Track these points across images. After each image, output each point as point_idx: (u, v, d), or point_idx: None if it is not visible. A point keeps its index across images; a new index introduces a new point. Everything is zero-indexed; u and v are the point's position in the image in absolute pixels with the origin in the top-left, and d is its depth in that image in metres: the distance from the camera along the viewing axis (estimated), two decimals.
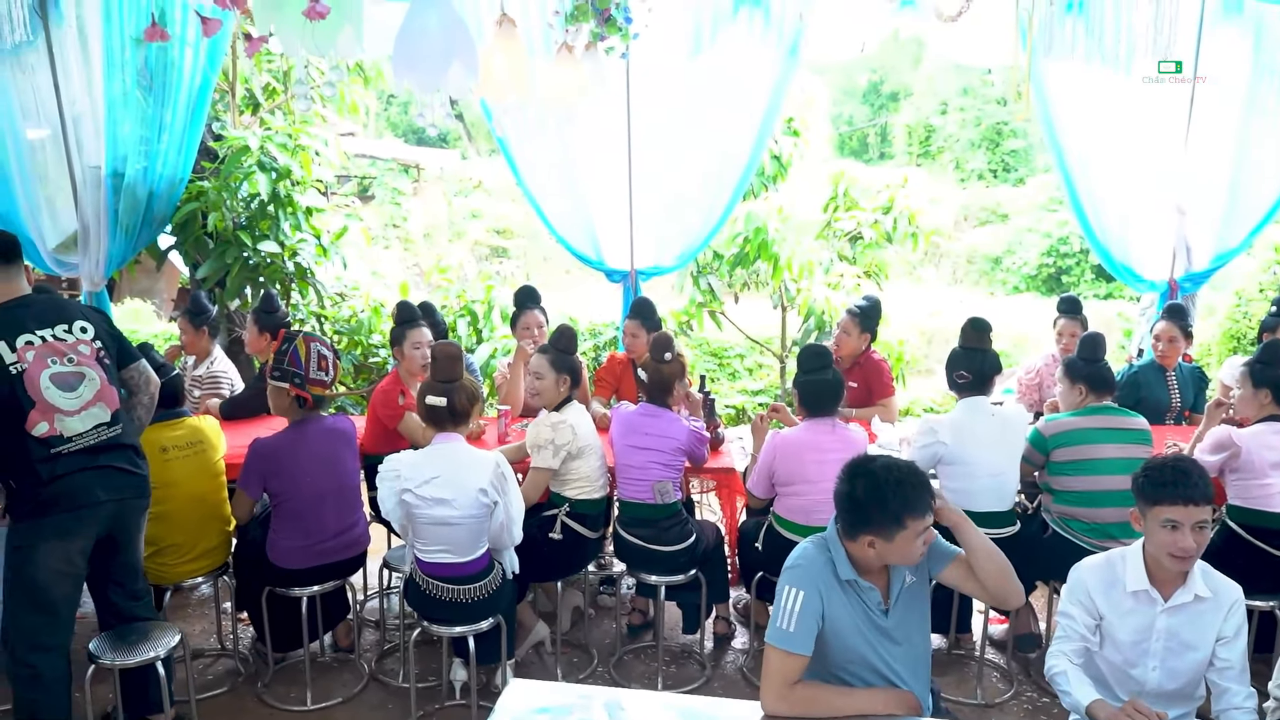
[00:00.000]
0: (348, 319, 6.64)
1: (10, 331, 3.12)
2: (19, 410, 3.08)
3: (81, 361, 3.23)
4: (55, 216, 5.99)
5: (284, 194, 5.99)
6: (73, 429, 3.16)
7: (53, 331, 3.21)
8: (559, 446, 3.92)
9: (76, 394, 3.19)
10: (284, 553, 3.83)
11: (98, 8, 5.54)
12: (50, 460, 3.13)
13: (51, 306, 3.27)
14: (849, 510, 2.50)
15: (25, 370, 3.09)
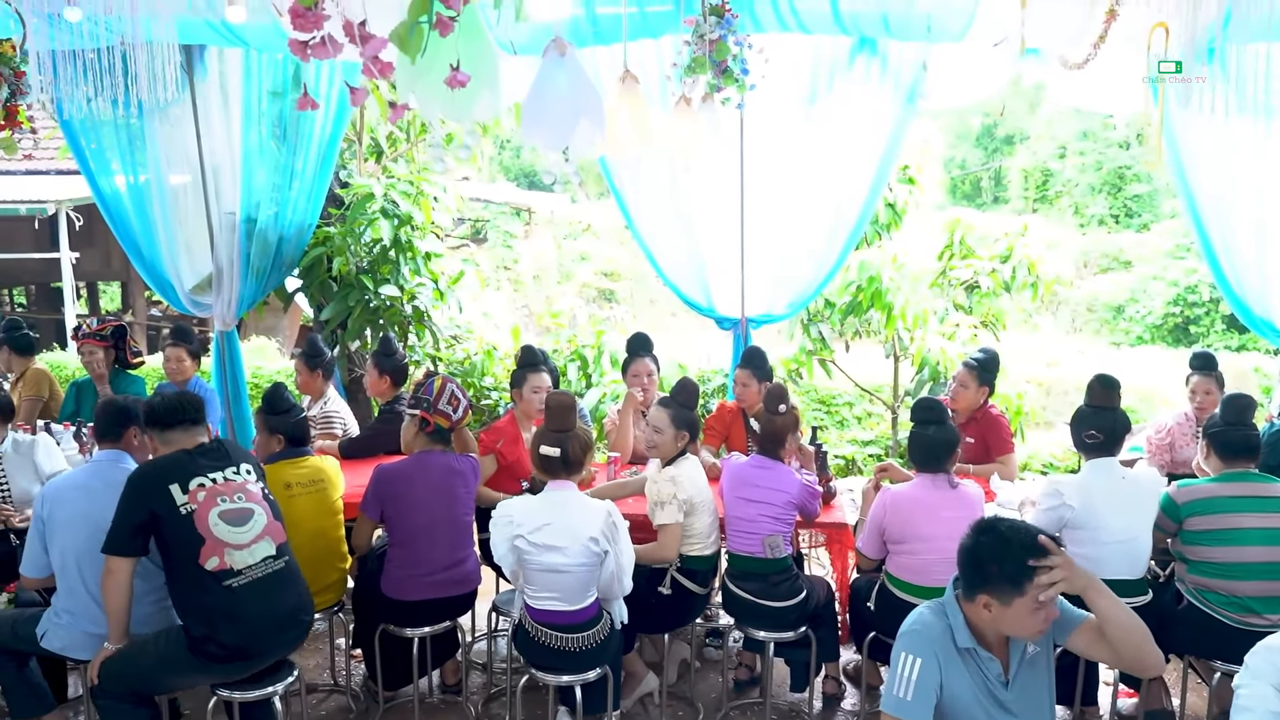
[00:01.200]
0: (461, 361, 6.79)
1: (185, 475, 3.32)
2: (193, 547, 3.26)
3: (249, 499, 3.42)
4: (192, 259, 6.31)
5: (405, 239, 6.18)
6: (242, 562, 3.32)
7: (223, 474, 3.41)
8: (681, 501, 3.89)
9: (245, 529, 3.35)
10: (396, 583, 3.91)
11: (238, 65, 5.87)
12: (226, 595, 3.28)
13: (221, 453, 3.49)
14: (970, 566, 2.41)
15: (195, 510, 3.28)
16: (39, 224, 12.54)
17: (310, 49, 1.48)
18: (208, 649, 3.30)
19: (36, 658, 3.77)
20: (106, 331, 5.55)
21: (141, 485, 3.31)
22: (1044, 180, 22.17)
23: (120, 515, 3.29)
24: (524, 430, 4.59)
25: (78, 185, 11.69)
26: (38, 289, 17.63)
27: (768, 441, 4.09)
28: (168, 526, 3.26)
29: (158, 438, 3.46)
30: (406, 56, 1.52)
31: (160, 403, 3.46)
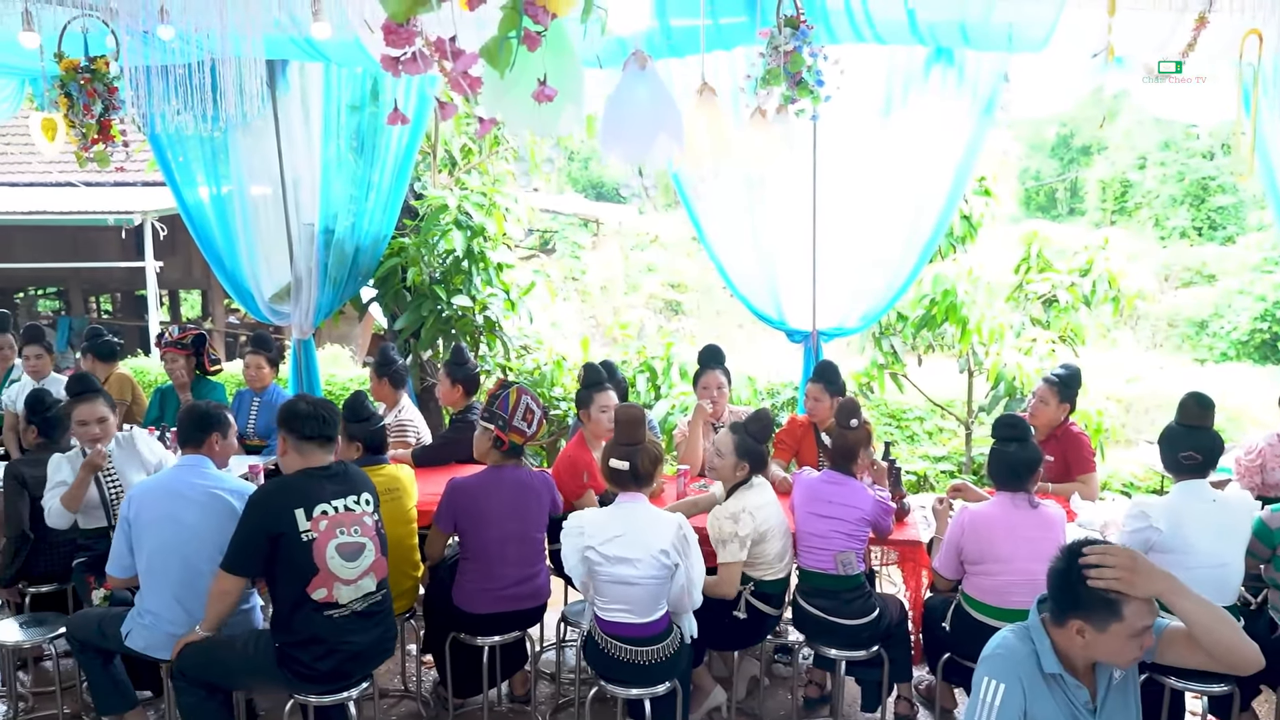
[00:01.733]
0: (531, 371, 6.83)
1: (311, 500, 3.36)
2: (306, 575, 3.32)
3: (364, 533, 3.46)
4: (271, 269, 6.46)
5: (477, 250, 6.25)
6: (346, 597, 3.39)
7: (345, 502, 3.44)
8: (743, 539, 3.83)
9: (355, 564, 3.41)
10: (468, 595, 3.93)
11: (319, 79, 6.00)
12: (325, 624, 3.35)
13: (346, 478, 3.52)
14: (1061, 590, 2.35)
15: (315, 540, 3.33)
16: (125, 234, 12.97)
17: (401, 65, 1.50)
18: (296, 668, 3.38)
19: (121, 656, 3.87)
20: (187, 340, 5.70)
21: (267, 506, 3.35)
22: (1123, 191, 21.61)
23: (243, 534, 3.34)
24: (594, 450, 4.58)
25: (163, 196, 12.09)
26: (123, 296, 18.24)
27: (839, 456, 4.04)
28: (285, 549, 3.30)
29: (292, 445, 3.47)
30: (495, 71, 1.53)
31: (307, 411, 3.47)
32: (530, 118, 1.61)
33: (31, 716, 4.40)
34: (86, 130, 4.81)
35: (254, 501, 3.38)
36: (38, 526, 4.42)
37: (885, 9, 4.53)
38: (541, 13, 1.49)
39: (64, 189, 13.59)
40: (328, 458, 3.51)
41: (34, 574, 4.46)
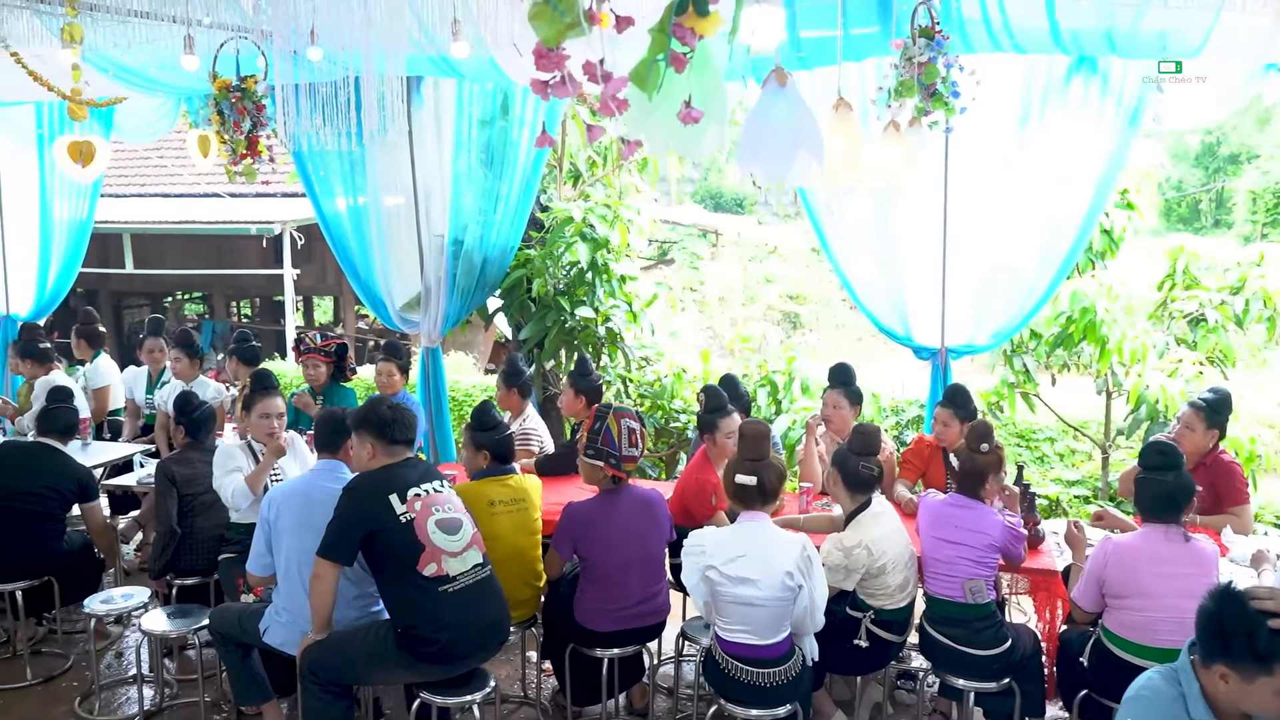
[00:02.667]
0: (651, 383, 6.85)
1: (402, 485, 3.50)
2: (413, 554, 3.42)
3: (456, 509, 3.59)
4: (403, 278, 6.66)
5: (601, 262, 6.31)
6: (456, 569, 3.48)
7: (431, 486, 3.58)
8: (850, 571, 3.76)
9: (457, 537, 3.52)
10: (590, 613, 3.95)
11: (451, 95, 6.17)
12: (438, 599, 3.44)
13: (425, 470, 3.68)
14: (1211, 633, 2.22)
15: (414, 519, 3.45)
16: (266, 243, 13.60)
17: (550, 88, 1.52)
18: (416, 648, 3.44)
19: (259, 650, 4.03)
20: (330, 348, 5.93)
21: (362, 498, 3.48)
22: (1276, 203, 20.39)
23: (339, 523, 3.47)
24: (718, 471, 4.55)
25: (300, 207, 12.63)
26: (262, 301, 19.12)
27: (968, 480, 3.90)
28: (388, 535, 3.41)
29: (380, 447, 3.58)
30: (644, 94, 1.53)
31: (392, 417, 3.59)
32: (675, 138, 1.61)
33: (176, 702, 4.62)
34: (236, 146, 5.06)
35: (349, 490, 3.51)
36: (184, 521, 4.66)
37: (1025, 17, 4.39)
38: (689, 35, 1.48)
39: (211, 200, 14.35)
40: (404, 454, 3.63)
41: (179, 567, 4.69)
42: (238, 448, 4.56)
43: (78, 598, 4.85)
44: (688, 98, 1.57)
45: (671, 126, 1.60)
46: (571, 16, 1.42)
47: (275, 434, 4.52)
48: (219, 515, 4.61)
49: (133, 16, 4.30)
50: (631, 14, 1.50)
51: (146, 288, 17.89)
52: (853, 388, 5.01)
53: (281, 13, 3.42)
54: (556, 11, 1.43)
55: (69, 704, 4.60)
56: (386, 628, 3.53)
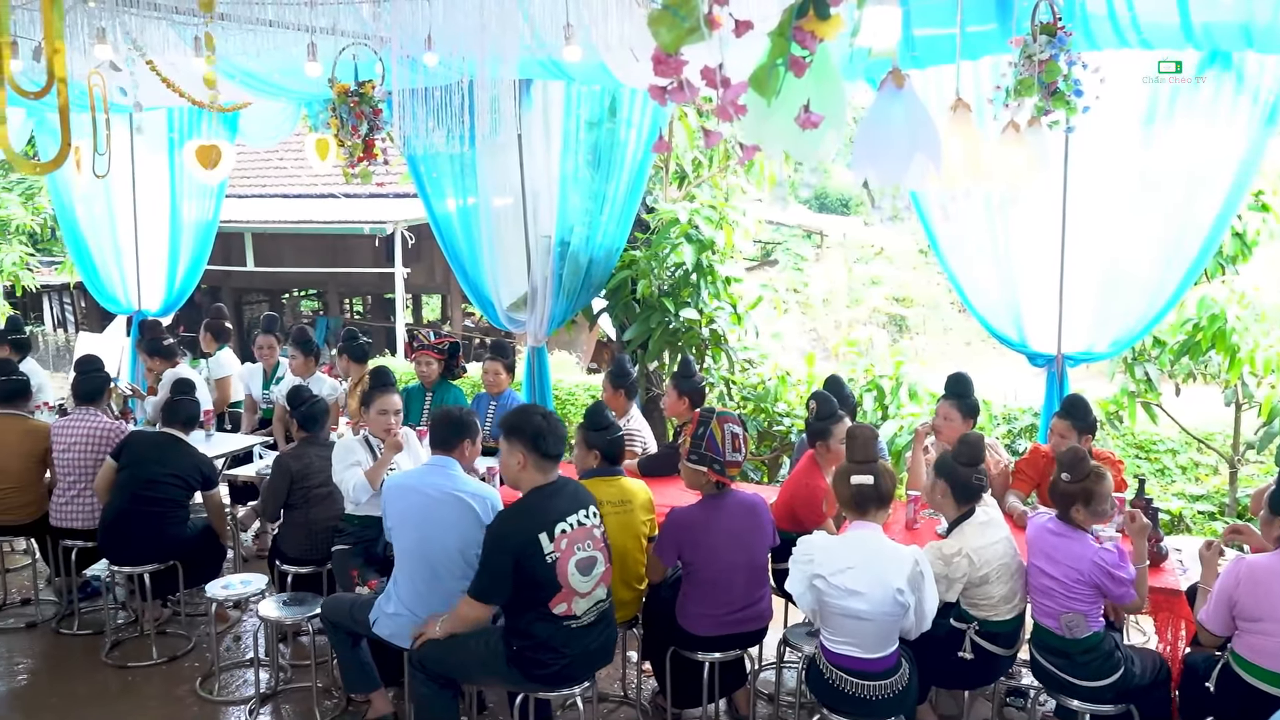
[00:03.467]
0: (755, 385, 6.80)
1: (551, 522, 3.43)
2: (548, 592, 3.43)
3: (595, 545, 3.55)
4: (510, 278, 6.77)
5: (706, 264, 6.30)
6: (582, 608, 3.51)
7: (577, 518, 3.51)
8: (952, 581, 3.64)
9: (590, 577, 3.51)
10: (692, 618, 3.94)
11: (560, 97, 6.24)
12: (561, 633, 3.48)
13: (573, 494, 3.59)
14: None
15: (558, 559, 3.43)
16: (378, 242, 14.00)
17: (668, 93, 1.52)
18: (529, 669, 3.51)
19: (368, 640, 4.14)
20: (443, 346, 6.07)
21: (513, 538, 3.41)
22: None
23: (491, 568, 3.44)
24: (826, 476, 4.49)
25: (412, 208, 12.96)
26: (373, 299, 19.69)
27: (1057, 504, 3.66)
28: (529, 570, 3.39)
29: (530, 459, 3.51)
30: (762, 99, 1.52)
31: (546, 428, 3.52)
32: (792, 143, 1.59)
33: (289, 686, 4.79)
34: (353, 149, 5.22)
35: (499, 533, 3.45)
36: (299, 512, 4.85)
37: (1154, 11, 4.19)
38: (810, 38, 1.46)
39: (326, 200, 14.84)
40: (553, 475, 3.58)
41: (291, 555, 4.86)
42: (356, 442, 4.70)
43: (200, 582, 5.08)
44: (806, 102, 1.54)
45: (789, 131, 1.57)
46: (691, 21, 1.42)
47: (392, 430, 4.65)
48: (333, 507, 4.76)
49: (260, 25, 4.48)
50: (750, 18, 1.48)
51: (265, 285, 18.62)
52: (968, 400, 4.86)
53: (400, 20, 3.51)
54: (676, 17, 1.43)
55: (191, 683, 4.81)
56: (500, 641, 3.56)
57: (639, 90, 6.00)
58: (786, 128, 1.57)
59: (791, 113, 1.55)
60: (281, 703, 4.68)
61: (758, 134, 1.61)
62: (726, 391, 6.74)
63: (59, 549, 5.30)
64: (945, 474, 3.77)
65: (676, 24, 1.43)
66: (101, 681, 4.86)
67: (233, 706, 4.65)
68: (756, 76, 1.52)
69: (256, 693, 4.64)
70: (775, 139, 1.62)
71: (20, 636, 5.35)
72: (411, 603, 3.81)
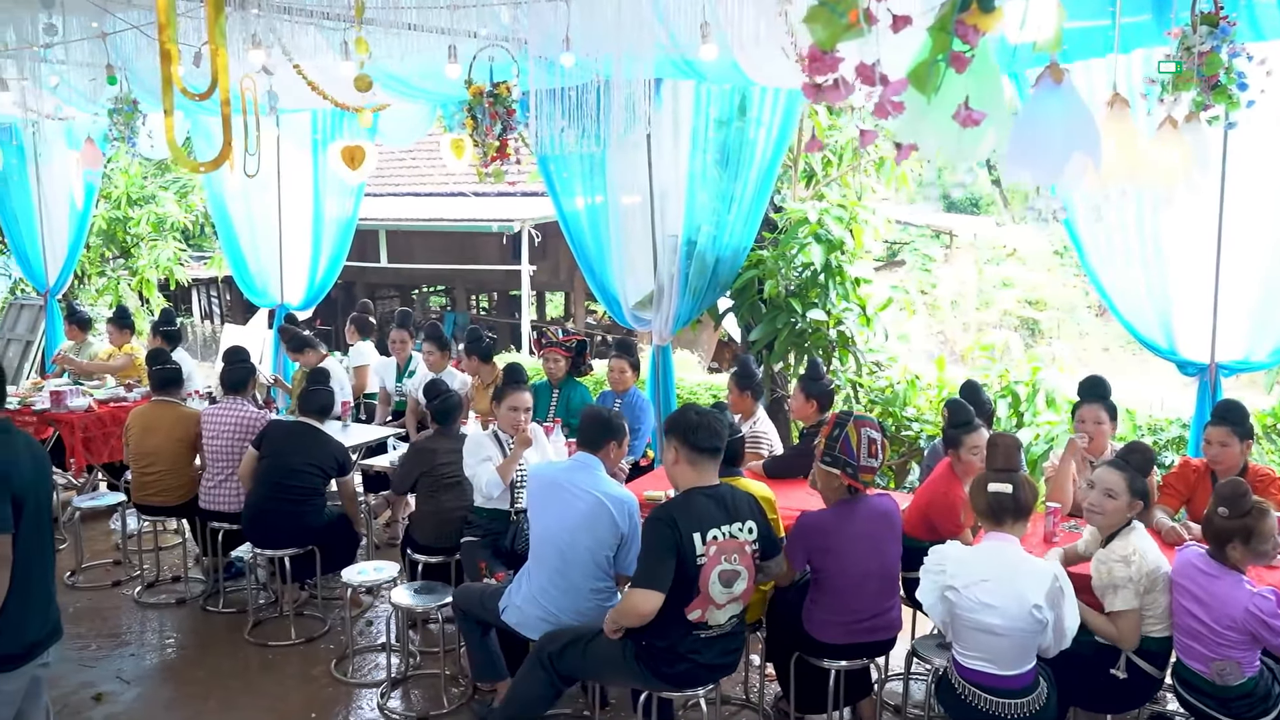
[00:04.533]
0: (883, 389, 6.66)
1: (705, 524, 3.40)
2: (687, 596, 3.42)
3: (741, 561, 3.50)
4: (636, 277, 6.79)
5: (835, 264, 6.19)
6: (716, 620, 3.49)
7: (730, 529, 3.46)
8: (1137, 582, 3.41)
9: (730, 590, 3.47)
10: (819, 625, 3.88)
11: (690, 95, 6.22)
12: (692, 639, 3.48)
13: (731, 502, 3.52)
14: None
15: (704, 564, 3.41)
16: (505, 239, 14.28)
17: (823, 91, 1.48)
18: (656, 666, 3.52)
19: (497, 631, 4.22)
20: (571, 344, 6.15)
21: (672, 529, 3.38)
22: None
23: (653, 554, 3.42)
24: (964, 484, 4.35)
25: (538, 206, 13.18)
26: (499, 295, 20.10)
27: (1211, 542, 3.40)
28: (678, 565, 3.38)
29: (685, 456, 3.50)
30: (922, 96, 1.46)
31: (698, 422, 3.49)
32: (951, 141, 1.53)
33: (418, 672, 4.93)
34: (487, 149, 5.31)
35: (659, 519, 3.42)
36: (429, 501, 5.01)
37: None
38: (972, 32, 1.40)
39: (456, 199, 15.22)
40: (715, 472, 3.56)
41: (421, 543, 5.00)
42: (486, 437, 4.80)
43: (335, 568, 5.28)
44: (965, 98, 1.48)
45: (948, 128, 1.51)
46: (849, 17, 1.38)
47: (521, 426, 4.74)
48: (462, 497, 4.89)
49: (402, 29, 4.61)
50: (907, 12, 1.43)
51: (397, 280, 19.24)
52: (1110, 402, 4.65)
53: (538, 23, 3.56)
54: (834, 13, 1.39)
55: (326, 665, 5.00)
56: (629, 637, 3.56)
57: (770, 88, 5.94)
58: (945, 125, 1.51)
59: (950, 110, 1.49)
60: (411, 687, 4.82)
61: (914, 132, 1.56)
62: (853, 395, 6.61)
63: (207, 530, 5.60)
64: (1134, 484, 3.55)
65: (833, 20, 1.39)
66: (244, 658, 5.10)
67: (365, 689, 4.80)
68: (916, 73, 1.46)
69: (388, 677, 4.79)
70: (932, 137, 1.57)
71: (171, 612, 5.67)
72: (539, 593, 3.86)
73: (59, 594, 5.72)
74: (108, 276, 11.90)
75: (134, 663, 5.04)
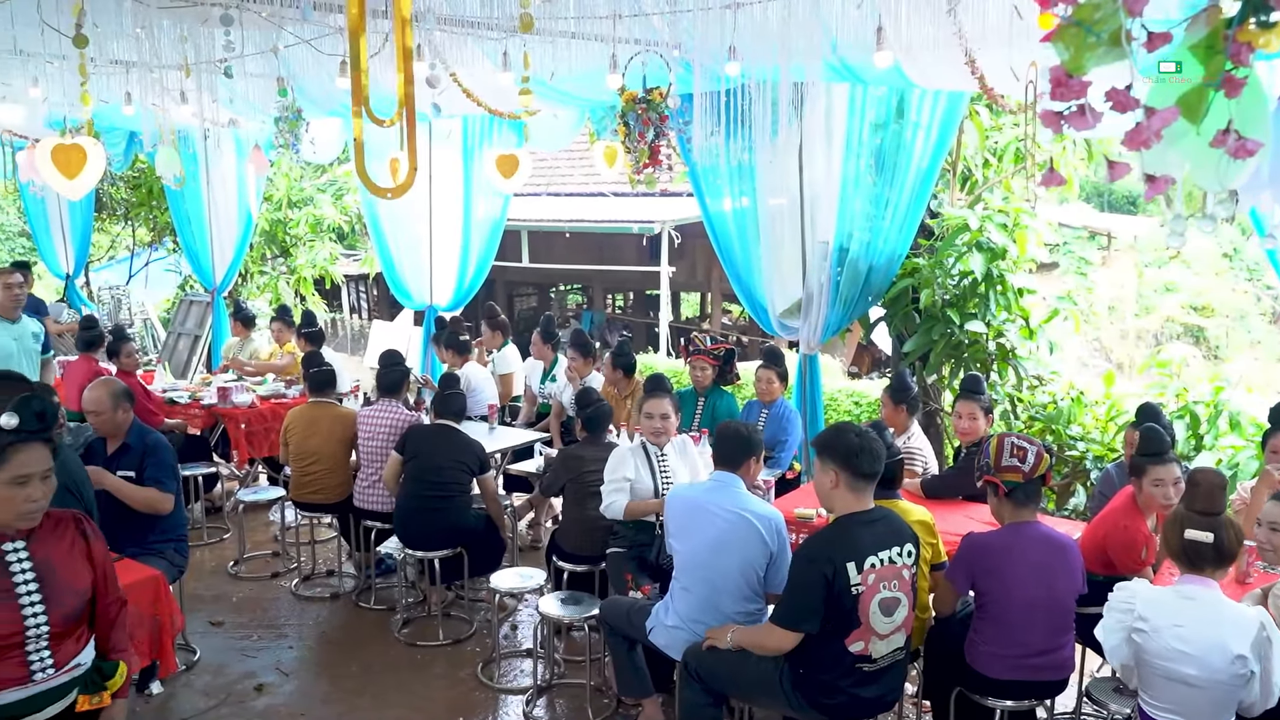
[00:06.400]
0: (1045, 405, 6.30)
1: (862, 554, 3.27)
2: (846, 626, 3.29)
3: (901, 587, 3.37)
4: (784, 284, 6.64)
5: (996, 273, 5.90)
6: (879, 652, 3.35)
7: (889, 554, 3.33)
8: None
9: (892, 620, 3.33)
10: (983, 658, 3.67)
11: (844, 98, 6.03)
12: (853, 673, 3.35)
13: (890, 528, 3.40)
14: None
15: (863, 593, 3.28)
16: (644, 240, 14.29)
17: (1065, 119, 1.34)
18: (813, 696, 3.39)
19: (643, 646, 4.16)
20: (719, 352, 6.05)
21: (822, 567, 3.28)
22: None
23: (800, 593, 3.33)
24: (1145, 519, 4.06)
25: (678, 207, 13.13)
26: (635, 295, 20.19)
27: None
28: (834, 599, 3.27)
29: (846, 481, 3.35)
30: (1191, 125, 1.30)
31: (860, 445, 3.34)
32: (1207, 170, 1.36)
33: (562, 681, 4.92)
34: (639, 156, 5.26)
35: (809, 556, 3.33)
36: (573, 507, 5.02)
37: None
38: (1245, 51, 1.23)
39: (596, 199, 15.33)
40: (871, 496, 3.43)
41: (567, 550, 4.99)
42: (630, 453, 4.74)
43: (483, 571, 5.34)
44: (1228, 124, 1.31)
45: (1202, 157, 1.35)
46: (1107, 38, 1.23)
47: (661, 433, 4.67)
48: None
49: (561, 37, 4.60)
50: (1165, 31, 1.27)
51: (536, 279, 19.53)
52: None
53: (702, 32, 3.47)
54: (1088, 33, 1.24)
55: (472, 668, 5.05)
56: (786, 662, 3.46)
57: (929, 91, 5.70)
58: (1199, 153, 1.34)
59: (1206, 137, 1.33)
60: (556, 696, 4.81)
61: (1163, 162, 1.39)
62: (1012, 410, 6.29)
63: (360, 528, 5.74)
64: None
65: (1086, 41, 1.25)
66: (394, 656, 5.20)
67: (511, 695, 4.83)
68: (1186, 100, 1.30)
69: (534, 684, 4.80)
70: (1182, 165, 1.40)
71: (325, 606, 5.84)
72: (688, 615, 3.79)
73: (223, 583, 6.09)
74: (268, 275, 12.46)
75: (291, 655, 5.21)
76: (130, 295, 13.34)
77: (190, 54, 4.87)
